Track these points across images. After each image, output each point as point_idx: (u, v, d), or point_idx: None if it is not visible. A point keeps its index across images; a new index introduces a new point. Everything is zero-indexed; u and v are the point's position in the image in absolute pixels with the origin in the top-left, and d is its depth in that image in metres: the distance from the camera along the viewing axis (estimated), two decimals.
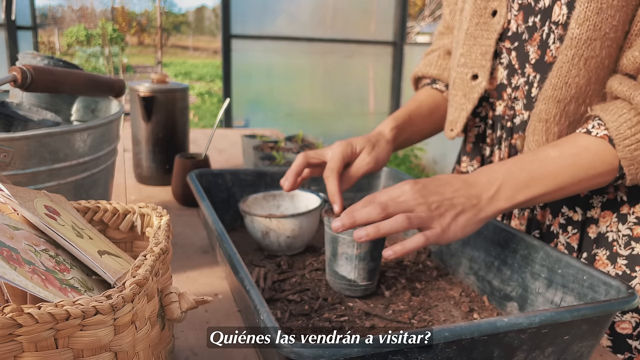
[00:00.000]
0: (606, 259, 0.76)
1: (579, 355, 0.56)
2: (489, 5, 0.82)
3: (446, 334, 0.46)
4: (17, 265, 0.43)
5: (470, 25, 0.84)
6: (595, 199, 0.77)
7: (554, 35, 0.73)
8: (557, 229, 0.81)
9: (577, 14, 0.67)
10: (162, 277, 0.52)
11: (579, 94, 0.70)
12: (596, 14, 0.66)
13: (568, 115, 0.71)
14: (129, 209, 0.62)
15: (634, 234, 0.73)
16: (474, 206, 0.64)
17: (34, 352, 0.38)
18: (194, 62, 17.86)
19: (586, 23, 0.66)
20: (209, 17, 26.03)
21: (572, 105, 0.71)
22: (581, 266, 0.62)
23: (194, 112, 8.92)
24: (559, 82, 0.70)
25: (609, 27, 0.66)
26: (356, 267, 0.71)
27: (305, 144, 1.41)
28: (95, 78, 0.92)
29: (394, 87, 4.34)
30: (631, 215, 0.74)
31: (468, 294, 0.76)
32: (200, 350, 0.62)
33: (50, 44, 15.87)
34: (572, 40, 0.68)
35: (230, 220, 0.96)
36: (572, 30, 0.68)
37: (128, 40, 20.79)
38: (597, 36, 0.66)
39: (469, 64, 0.85)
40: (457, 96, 0.87)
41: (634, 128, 0.62)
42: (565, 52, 0.69)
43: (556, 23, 0.72)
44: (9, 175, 0.70)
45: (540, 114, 0.73)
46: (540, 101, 0.73)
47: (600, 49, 0.67)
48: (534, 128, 0.74)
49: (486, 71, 0.83)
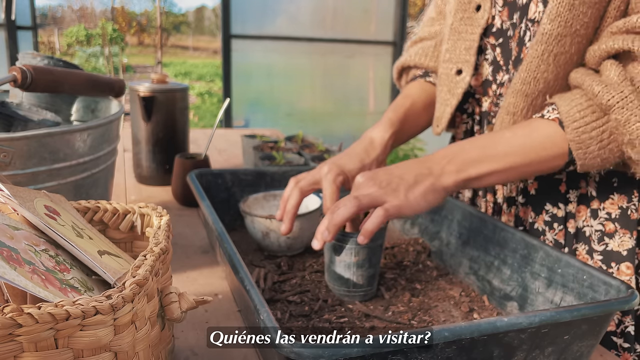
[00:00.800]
0: (585, 253, 0.77)
1: (579, 355, 0.56)
2: (473, 0, 0.81)
3: (446, 334, 0.46)
4: (17, 265, 0.43)
5: (455, 20, 0.84)
6: (572, 193, 0.78)
7: (529, 33, 0.74)
8: (542, 226, 0.81)
9: (550, 10, 0.67)
10: (162, 277, 0.52)
11: (546, 89, 0.71)
12: (568, 10, 0.66)
13: (535, 108, 0.72)
14: (129, 209, 0.62)
15: (606, 229, 0.74)
16: (427, 176, 0.66)
17: (34, 352, 0.38)
18: (194, 62, 17.86)
19: (557, 19, 0.66)
20: (209, 17, 26.03)
21: (539, 100, 0.72)
22: (581, 266, 0.62)
23: (194, 112, 8.92)
24: (527, 77, 0.71)
25: (580, 24, 0.66)
26: (354, 273, 0.71)
27: (305, 144, 1.41)
28: (95, 78, 0.92)
29: (394, 87, 4.34)
30: (602, 211, 0.75)
31: (468, 294, 0.76)
32: (200, 350, 0.62)
33: (50, 44, 15.87)
34: (542, 36, 0.68)
35: (230, 220, 0.96)
36: (544, 25, 0.68)
37: (128, 40, 20.79)
38: (568, 32, 0.67)
39: (453, 59, 0.84)
40: (443, 92, 0.87)
41: (583, 112, 0.63)
42: (536, 47, 0.69)
43: (532, 20, 0.73)
44: (9, 175, 0.70)
45: (508, 107, 0.74)
46: (509, 94, 0.73)
47: (570, 45, 0.68)
48: (501, 120, 0.75)
49: (470, 66, 0.82)
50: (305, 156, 1.26)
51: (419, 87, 0.95)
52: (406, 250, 0.89)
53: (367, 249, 0.71)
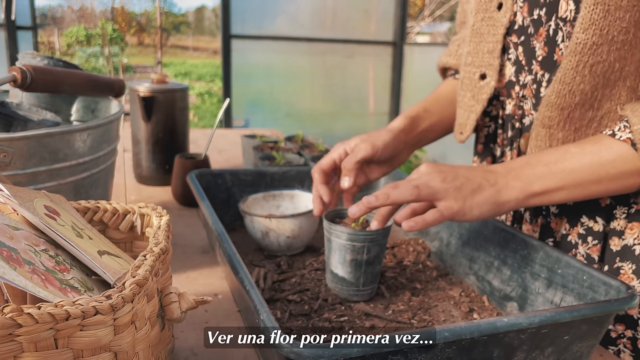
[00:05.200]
0: (632, 272, 0.71)
1: (578, 355, 0.56)
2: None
3: (446, 334, 0.46)
4: (17, 265, 0.43)
5: (476, 20, 0.80)
6: (619, 209, 0.72)
7: (562, 33, 0.69)
8: (575, 239, 0.76)
9: (582, 18, 0.63)
10: (162, 277, 0.52)
11: (584, 100, 0.67)
12: (603, 17, 0.62)
13: (573, 121, 0.69)
14: (129, 209, 0.62)
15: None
16: (492, 186, 0.63)
17: (34, 352, 0.38)
18: (193, 62, 17.85)
19: (592, 27, 0.63)
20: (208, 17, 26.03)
21: (577, 112, 0.68)
22: (581, 266, 0.62)
23: (193, 112, 8.91)
24: (562, 90, 0.67)
25: (617, 30, 0.62)
26: (365, 272, 0.71)
27: (305, 144, 1.41)
28: (95, 78, 0.92)
29: (394, 87, 4.34)
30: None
31: (468, 294, 0.76)
32: (200, 350, 0.62)
33: (50, 44, 15.86)
34: (576, 46, 0.65)
35: (230, 220, 0.96)
36: (577, 35, 0.64)
37: (128, 40, 20.78)
38: (604, 40, 0.63)
39: (476, 63, 0.81)
40: (466, 97, 0.84)
41: None
42: (569, 58, 0.66)
43: (564, 20, 0.68)
44: (9, 175, 0.70)
45: (543, 120, 0.71)
46: (543, 106, 0.70)
47: (608, 53, 0.64)
48: (536, 133, 0.72)
49: (494, 70, 0.79)
50: (305, 156, 1.26)
51: (448, 84, 0.94)
52: (406, 250, 0.89)
53: (378, 247, 0.71)
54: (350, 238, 0.70)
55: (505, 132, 0.83)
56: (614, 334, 0.74)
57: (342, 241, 0.71)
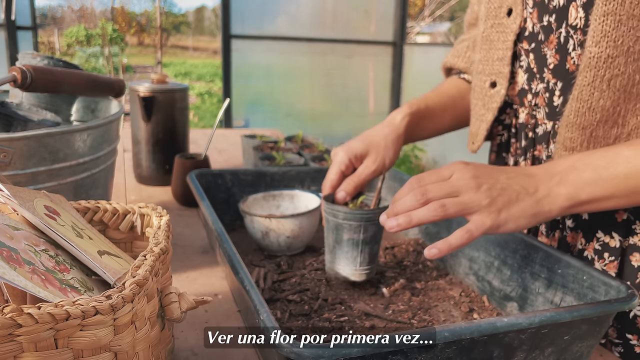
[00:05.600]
0: None
1: (578, 355, 0.56)
2: (504, 4, 0.75)
3: (446, 334, 0.46)
4: (17, 266, 0.43)
5: (486, 27, 0.78)
6: (639, 224, 0.69)
7: (573, 41, 0.66)
8: (591, 255, 0.73)
9: (593, 31, 0.60)
10: (162, 277, 0.52)
11: (607, 117, 0.63)
12: (615, 28, 0.59)
13: (597, 140, 0.64)
14: (129, 209, 0.62)
15: None
16: (531, 195, 0.58)
17: (34, 352, 0.38)
18: (193, 62, 17.85)
19: (604, 40, 0.60)
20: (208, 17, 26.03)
21: (600, 130, 0.64)
22: (581, 266, 0.62)
23: (194, 112, 8.91)
24: (581, 108, 0.63)
25: (632, 40, 0.59)
26: (362, 251, 0.72)
27: (305, 144, 1.41)
28: (95, 78, 0.92)
29: (394, 87, 4.34)
30: None
31: (468, 294, 0.76)
32: (200, 350, 0.62)
33: (50, 44, 15.86)
34: (590, 60, 0.61)
35: (230, 220, 0.96)
36: (590, 49, 0.61)
37: (128, 41, 20.78)
38: (620, 52, 0.59)
39: (486, 71, 0.79)
40: (477, 106, 0.82)
41: None
42: (584, 73, 0.62)
43: (574, 27, 0.66)
44: (9, 175, 0.70)
45: (564, 142, 0.66)
46: (563, 128, 0.66)
47: (626, 65, 0.60)
48: (559, 157, 0.68)
49: (504, 78, 0.76)
50: (305, 156, 1.26)
51: (452, 82, 0.92)
52: (406, 250, 0.89)
53: (375, 226, 0.71)
54: (347, 217, 0.70)
55: (519, 142, 0.81)
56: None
57: (339, 220, 0.71)
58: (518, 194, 0.57)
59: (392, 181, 1.02)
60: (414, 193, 0.58)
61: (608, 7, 0.58)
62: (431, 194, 0.57)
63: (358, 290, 0.75)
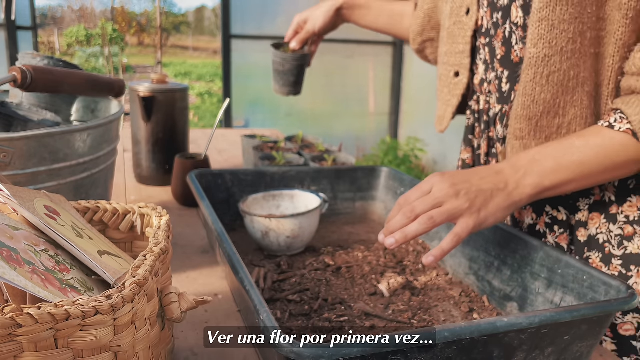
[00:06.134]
0: (600, 261, 0.76)
1: (578, 355, 0.56)
2: (464, 4, 0.85)
3: (446, 334, 0.46)
4: (17, 266, 0.43)
5: (450, 24, 0.88)
6: (582, 201, 0.77)
7: (515, 36, 0.76)
8: (543, 229, 0.81)
9: (531, 34, 0.69)
10: (162, 277, 0.52)
11: (549, 109, 0.72)
12: (549, 32, 0.68)
13: (542, 129, 0.73)
14: (129, 209, 0.62)
15: (625, 233, 0.74)
16: (502, 190, 0.65)
17: (34, 352, 0.38)
18: (193, 62, 17.84)
19: (541, 41, 0.69)
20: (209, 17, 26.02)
21: (544, 120, 0.73)
22: (581, 266, 0.62)
23: (194, 112, 8.91)
24: (526, 101, 0.72)
25: (565, 41, 0.68)
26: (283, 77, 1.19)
27: (305, 144, 1.41)
28: (95, 78, 0.92)
29: (394, 88, 4.34)
30: (620, 215, 0.74)
31: (468, 294, 0.76)
32: (200, 350, 0.62)
33: (50, 44, 15.85)
34: (530, 60, 0.71)
35: (230, 220, 0.96)
36: (529, 50, 0.70)
37: (128, 41, 20.78)
38: (555, 52, 0.69)
39: (451, 62, 0.89)
40: (444, 92, 0.92)
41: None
42: (527, 71, 0.71)
43: (516, 24, 0.76)
44: (9, 175, 0.70)
45: (515, 132, 0.75)
46: (513, 120, 0.75)
47: (561, 62, 0.69)
48: (511, 146, 0.76)
49: (465, 69, 0.86)
50: (305, 156, 1.26)
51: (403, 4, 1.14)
52: (406, 250, 0.89)
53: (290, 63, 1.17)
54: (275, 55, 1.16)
55: (480, 125, 0.90)
56: None
57: (273, 58, 1.17)
58: (492, 192, 0.65)
59: (392, 181, 1.02)
60: (404, 211, 0.65)
61: (542, 13, 0.68)
62: (419, 210, 0.64)
63: (358, 290, 0.76)
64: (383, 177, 1.05)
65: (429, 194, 0.65)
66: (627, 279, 0.74)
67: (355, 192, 1.05)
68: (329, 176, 1.02)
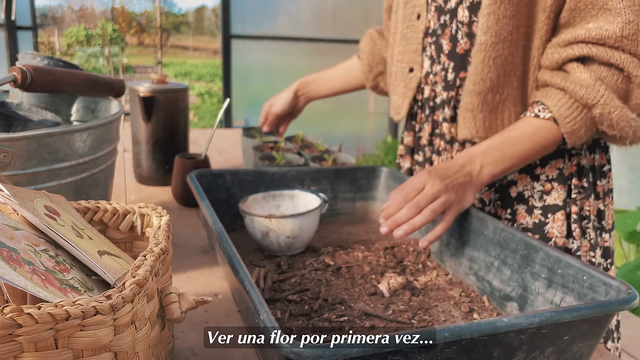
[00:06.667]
0: (525, 212, 0.94)
1: (578, 355, 0.56)
2: (415, 11, 1.01)
3: (446, 334, 0.46)
4: (17, 266, 0.43)
5: (403, 27, 1.04)
6: None
7: (461, 32, 0.93)
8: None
9: (481, 24, 0.86)
10: (162, 278, 0.52)
11: (492, 86, 0.88)
12: (495, 23, 0.85)
13: (488, 104, 0.89)
14: (129, 209, 0.62)
15: (545, 189, 0.93)
16: (471, 180, 0.81)
17: (34, 352, 0.38)
18: (193, 62, 17.83)
19: (489, 31, 0.85)
20: (209, 17, 26.01)
21: (489, 96, 0.89)
22: (581, 266, 0.62)
23: (194, 112, 8.91)
24: (476, 79, 0.88)
25: (506, 32, 0.85)
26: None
27: (305, 144, 1.41)
28: (95, 78, 0.92)
29: None
30: (542, 175, 0.93)
31: (468, 294, 0.76)
32: (200, 350, 0.62)
33: (50, 44, 15.84)
34: (480, 45, 0.87)
35: (230, 220, 0.96)
36: (480, 37, 0.86)
37: (128, 41, 20.77)
38: (499, 40, 0.86)
39: (405, 60, 1.05)
40: (400, 86, 1.07)
41: (570, 109, 0.81)
42: (477, 55, 0.87)
43: (462, 22, 0.92)
44: (9, 175, 0.70)
45: (466, 105, 0.91)
46: (465, 95, 0.91)
47: (503, 49, 0.86)
48: (463, 118, 0.92)
49: (419, 65, 1.02)
50: (305, 156, 1.26)
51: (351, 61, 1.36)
52: (406, 250, 0.89)
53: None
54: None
55: (424, 112, 1.05)
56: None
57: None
58: (465, 184, 0.80)
59: (392, 181, 1.02)
60: (409, 206, 0.78)
61: (490, 9, 0.84)
62: (422, 204, 0.78)
63: (358, 290, 0.76)
64: (383, 177, 1.05)
65: (425, 190, 0.78)
66: (544, 224, 0.93)
67: (355, 192, 1.05)
68: (329, 176, 1.02)
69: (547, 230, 0.92)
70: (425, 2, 0.99)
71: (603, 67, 0.81)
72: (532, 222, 0.94)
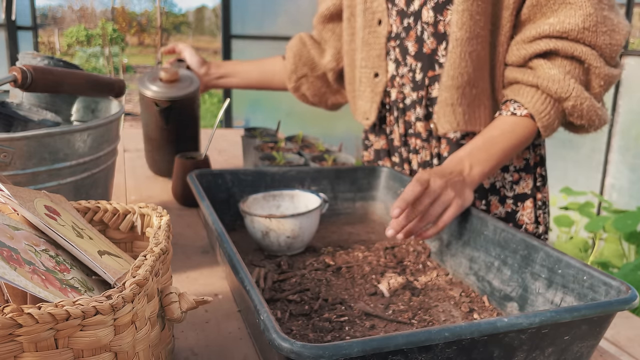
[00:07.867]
0: (497, 202, 1.00)
1: (579, 355, 0.56)
2: (375, 17, 1.02)
3: (446, 334, 0.46)
4: (17, 266, 0.43)
5: (364, 34, 1.04)
6: None
7: (427, 33, 0.96)
8: None
9: (456, 21, 0.89)
10: (162, 277, 0.52)
11: (469, 80, 0.92)
12: (469, 20, 0.88)
13: (466, 97, 0.93)
14: (129, 209, 0.62)
15: (514, 178, 1.00)
16: (464, 180, 0.84)
17: (34, 352, 0.38)
18: None
19: (464, 27, 0.89)
20: (209, 17, 26.00)
21: (467, 89, 0.92)
22: (581, 266, 0.62)
23: None
24: (454, 73, 0.91)
25: (479, 28, 0.89)
26: None
27: (305, 144, 1.41)
28: (95, 78, 0.92)
29: None
30: (511, 166, 1.00)
31: (468, 294, 0.76)
32: (200, 350, 0.62)
33: (50, 44, 15.85)
34: (457, 41, 0.90)
35: (230, 220, 0.96)
36: (455, 33, 0.90)
37: (128, 41, 20.77)
38: (473, 35, 0.89)
39: (369, 65, 1.06)
40: (366, 92, 1.08)
41: (544, 104, 0.87)
42: (454, 50, 0.90)
43: (427, 23, 0.95)
44: (9, 175, 0.70)
45: (445, 100, 0.94)
46: (443, 90, 0.94)
47: (476, 44, 0.90)
48: (443, 112, 0.95)
49: (383, 69, 1.04)
50: (305, 156, 1.26)
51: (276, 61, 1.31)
52: (406, 251, 0.89)
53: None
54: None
55: (392, 114, 1.08)
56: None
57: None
58: (460, 183, 0.82)
59: (392, 181, 1.02)
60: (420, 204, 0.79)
61: (464, 5, 0.87)
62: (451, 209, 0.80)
63: (358, 290, 0.76)
64: (383, 177, 1.05)
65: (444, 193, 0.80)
66: (516, 212, 1.00)
67: (355, 192, 1.05)
68: (329, 176, 1.02)
69: (518, 218, 1.01)
70: (385, 8, 1.01)
71: (567, 61, 0.87)
72: (504, 211, 1.01)
